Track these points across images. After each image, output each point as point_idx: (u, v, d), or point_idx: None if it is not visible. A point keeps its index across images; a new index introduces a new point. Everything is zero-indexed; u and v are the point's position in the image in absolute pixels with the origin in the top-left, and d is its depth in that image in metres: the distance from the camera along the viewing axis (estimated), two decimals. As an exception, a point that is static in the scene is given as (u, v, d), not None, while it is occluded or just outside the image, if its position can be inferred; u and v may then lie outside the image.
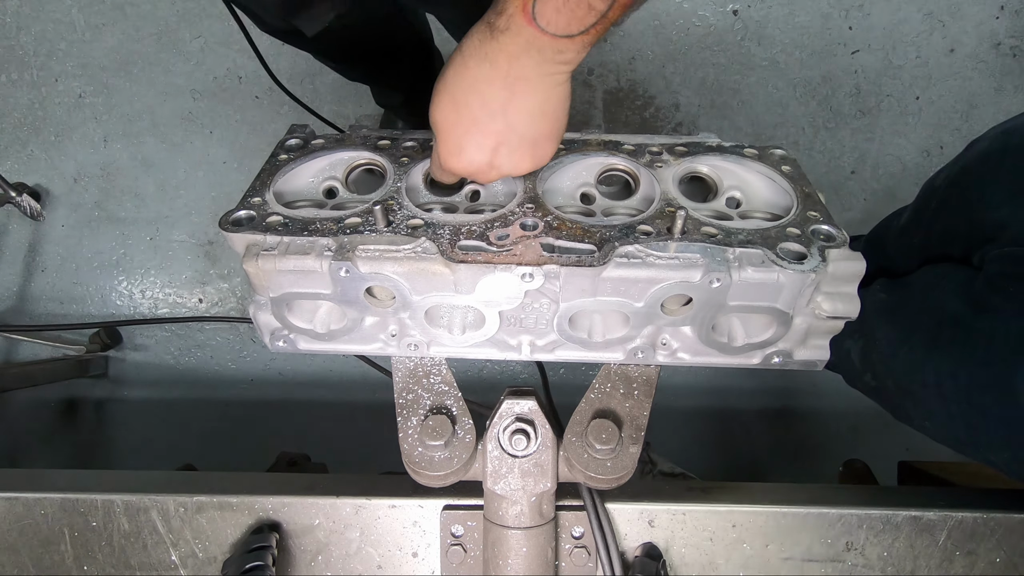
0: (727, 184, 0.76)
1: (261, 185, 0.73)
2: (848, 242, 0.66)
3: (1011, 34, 1.82)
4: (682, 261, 0.63)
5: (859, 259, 0.64)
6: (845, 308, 0.66)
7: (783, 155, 0.78)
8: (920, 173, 1.83)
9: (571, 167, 0.76)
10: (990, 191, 0.81)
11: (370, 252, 0.65)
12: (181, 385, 1.84)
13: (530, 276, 0.63)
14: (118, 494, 0.78)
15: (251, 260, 0.65)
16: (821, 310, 0.66)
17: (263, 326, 0.74)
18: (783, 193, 0.74)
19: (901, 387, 0.89)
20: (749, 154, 0.77)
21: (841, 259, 0.64)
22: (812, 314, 0.67)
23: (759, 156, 0.77)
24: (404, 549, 0.78)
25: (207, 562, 0.78)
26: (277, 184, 0.74)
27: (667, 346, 0.72)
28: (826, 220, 0.68)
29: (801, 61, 1.85)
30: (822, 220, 0.68)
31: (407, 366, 0.75)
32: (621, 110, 1.88)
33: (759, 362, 0.73)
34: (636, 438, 0.70)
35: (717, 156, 0.77)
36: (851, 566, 0.77)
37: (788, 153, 0.78)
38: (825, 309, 0.66)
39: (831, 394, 1.77)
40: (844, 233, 0.66)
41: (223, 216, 0.68)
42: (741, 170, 0.77)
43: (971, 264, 0.86)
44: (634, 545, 0.77)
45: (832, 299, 0.66)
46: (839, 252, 0.64)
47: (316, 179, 0.77)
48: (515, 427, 0.70)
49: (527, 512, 0.69)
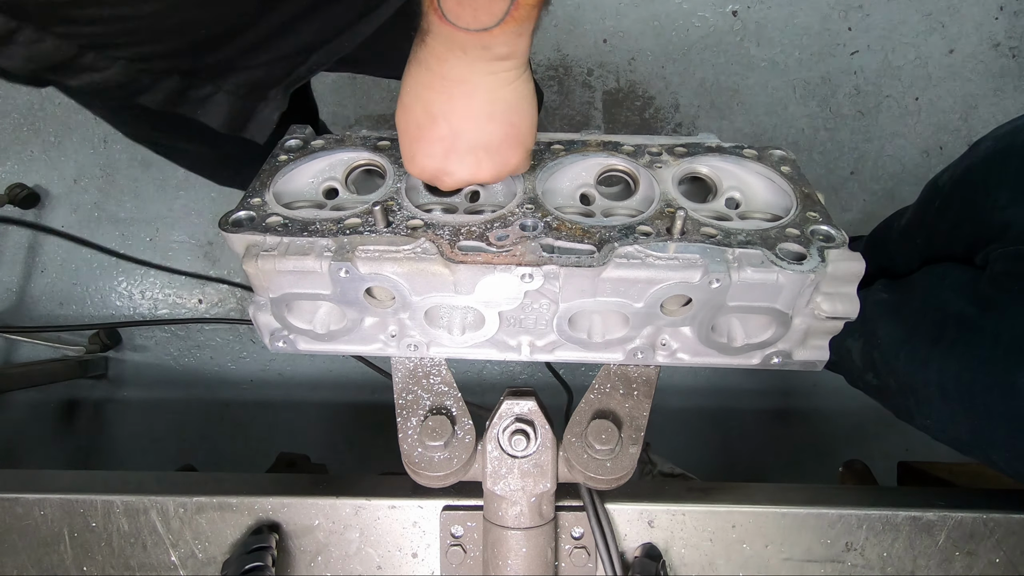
0: (726, 185, 0.76)
1: (261, 186, 0.73)
2: (847, 243, 0.65)
3: (1010, 34, 1.83)
4: (682, 262, 0.63)
5: (858, 259, 0.64)
6: (844, 308, 0.66)
7: (782, 155, 0.78)
8: (920, 173, 1.83)
9: (570, 168, 0.76)
10: (995, 191, 0.82)
11: (370, 253, 0.65)
12: (181, 385, 1.84)
13: (530, 277, 0.63)
14: (118, 495, 0.78)
15: (251, 261, 0.65)
16: (820, 310, 0.66)
17: (263, 326, 0.74)
18: (782, 194, 0.74)
19: (903, 386, 0.89)
20: (748, 155, 0.77)
21: (840, 259, 0.64)
22: (811, 315, 0.67)
23: (758, 157, 0.77)
24: (404, 550, 0.78)
25: (207, 563, 0.77)
26: (277, 185, 0.74)
27: (666, 346, 0.72)
28: (825, 221, 0.68)
29: (800, 62, 1.85)
30: (821, 221, 0.68)
31: (407, 367, 0.75)
32: (621, 110, 1.88)
33: (758, 362, 0.73)
34: (636, 438, 0.70)
35: (716, 157, 0.77)
36: (851, 566, 0.77)
37: (787, 154, 0.78)
38: (824, 309, 0.66)
39: (831, 394, 1.77)
40: (843, 234, 0.66)
41: (223, 216, 0.68)
42: (740, 171, 0.77)
43: (974, 264, 0.86)
44: (634, 545, 0.77)
45: (832, 299, 0.66)
46: (838, 252, 0.64)
47: (316, 180, 0.77)
48: (515, 427, 0.70)
49: (527, 512, 0.69)
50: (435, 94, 0.57)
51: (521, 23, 0.50)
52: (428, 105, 0.59)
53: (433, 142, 0.61)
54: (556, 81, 1.89)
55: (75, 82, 0.68)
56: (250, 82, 0.80)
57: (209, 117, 0.81)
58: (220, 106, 0.81)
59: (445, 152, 0.61)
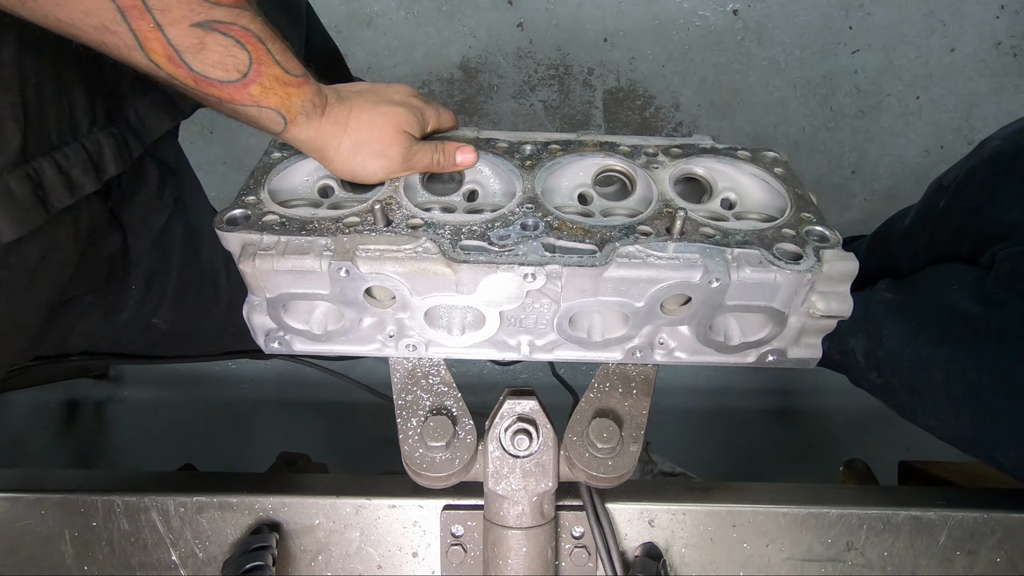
0: (721, 186, 0.77)
1: (255, 183, 0.72)
2: (841, 243, 0.67)
3: (1011, 34, 1.82)
4: (682, 261, 0.63)
5: (852, 259, 0.66)
6: (839, 307, 0.67)
7: (775, 157, 0.79)
8: (921, 172, 1.82)
9: (568, 168, 0.76)
10: (1002, 191, 0.82)
11: (370, 252, 0.64)
12: (181, 385, 1.84)
13: (532, 276, 0.63)
14: (118, 494, 0.78)
15: (248, 260, 0.64)
16: (815, 309, 0.68)
17: (257, 327, 0.73)
18: (776, 194, 0.75)
19: (907, 385, 0.89)
20: (742, 156, 0.78)
21: (835, 259, 0.65)
22: (806, 313, 0.69)
23: (752, 158, 0.78)
24: (404, 549, 0.78)
25: (207, 562, 0.77)
26: (271, 182, 0.73)
27: (664, 345, 0.73)
28: (819, 221, 0.69)
29: (801, 61, 1.84)
30: (815, 221, 0.69)
31: (405, 367, 0.75)
32: (621, 110, 1.88)
33: (754, 360, 0.74)
34: (636, 437, 0.70)
35: (711, 158, 0.78)
36: (851, 566, 0.77)
37: (780, 155, 0.79)
38: (819, 308, 0.68)
39: (831, 394, 1.76)
40: (837, 234, 0.67)
41: (218, 215, 0.67)
42: (735, 172, 0.78)
43: (979, 263, 0.86)
44: (634, 545, 0.77)
45: (826, 298, 0.67)
46: (833, 253, 0.66)
47: (311, 177, 0.76)
48: (517, 427, 0.70)
49: (528, 512, 0.69)
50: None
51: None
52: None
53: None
54: (556, 80, 1.89)
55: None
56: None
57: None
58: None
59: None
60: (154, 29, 0.51)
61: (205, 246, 0.83)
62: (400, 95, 0.75)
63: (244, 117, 0.62)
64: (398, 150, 0.71)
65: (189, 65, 0.54)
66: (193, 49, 0.54)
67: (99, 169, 0.59)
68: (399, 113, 0.71)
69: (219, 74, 0.56)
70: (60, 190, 0.55)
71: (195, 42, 0.53)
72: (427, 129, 0.77)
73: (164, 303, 0.78)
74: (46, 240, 0.55)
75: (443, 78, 1.89)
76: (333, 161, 0.69)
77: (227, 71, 0.56)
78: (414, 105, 0.75)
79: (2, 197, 0.50)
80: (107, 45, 0.52)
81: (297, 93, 0.62)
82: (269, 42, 0.58)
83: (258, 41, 0.57)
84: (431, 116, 0.77)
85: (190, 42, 0.53)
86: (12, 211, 0.50)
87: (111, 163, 0.60)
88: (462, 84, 1.89)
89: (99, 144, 0.59)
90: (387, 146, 0.70)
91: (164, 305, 0.78)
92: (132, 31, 0.51)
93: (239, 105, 0.59)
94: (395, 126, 0.71)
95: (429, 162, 0.74)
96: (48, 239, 0.56)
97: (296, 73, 0.62)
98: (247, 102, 0.59)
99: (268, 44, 0.58)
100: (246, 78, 0.57)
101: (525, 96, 1.89)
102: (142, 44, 0.52)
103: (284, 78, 0.60)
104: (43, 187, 0.53)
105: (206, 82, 0.56)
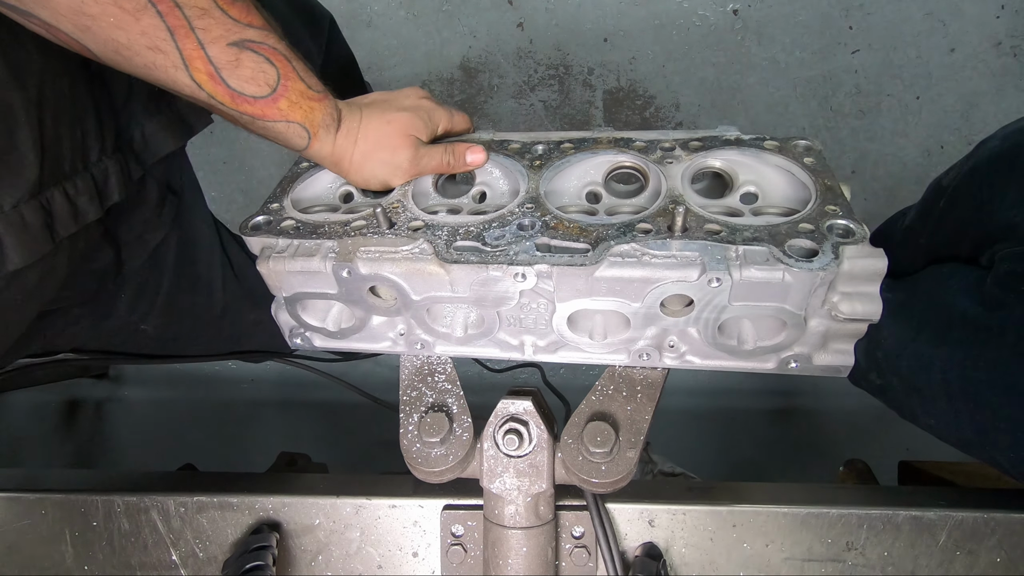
0: (743, 179, 0.72)
1: (281, 191, 0.78)
2: (868, 237, 0.60)
3: (1011, 34, 1.82)
4: (680, 260, 0.61)
5: (880, 256, 0.59)
6: (865, 309, 0.61)
7: (807, 146, 0.73)
8: (921, 173, 1.82)
9: (577, 166, 0.76)
10: (1003, 191, 0.81)
11: (370, 253, 0.66)
12: (181, 385, 1.84)
13: (522, 276, 0.63)
14: (118, 494, 0.78)
15: (264, 262, 0.70)
16: (838, 311, 0.61)
17: (283, 324, 0.79)
18: (802, 186, 0.69)
19: (907, 386, 0.89)
20: (769, 146, 0.73)
21: (858, 256, 0.59)
22: (829, 316, 0.63)
23: (780, 148, 0.72)
24: (404, 549, 0.78)
25: (207, 562, 0.77)
26: (296, 190, 0.78)
27: (675, 348, 0.69)
28: (846, 214, 0.63)
29: (801, 60, 1.84)
30: (841, 215, 0.63)
31: (414, 364, 0.77)
32: (621, 110, 1.88)
33: (774, 366, 0.69)
34: (635, 442, 0.68)
35: (734, 150, 0.73)
36: (851, 566, 0.77)
37: (813, 144, 0.72)
38: (842, 310, 0.61)
39: (831, 394, 1.76)
40: (864, 228, 0.60)
41: (243, 221, 0.73)
42: (757, 164, 0.72)
43: (979, 264, 0.86)
44: (634, 545, 0.77)
45: (850, 300, 0.61)
46: (856, 249, 0.59)
47: (333, 184, 0.80)
48: (508, 427, 0.70)
49: (523, 512, 0.69)
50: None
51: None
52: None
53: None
54: (556, 80, 1.89)
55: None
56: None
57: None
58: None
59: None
60: (197, 48, 0.55)
61: (202, 254, 0.83)
62: (410, 100, 0.77)
63: (273, 134, 0.65)
64: (406, 155, 0.73)
65: (226, 82, 0.58)
66: (230, 66, 0.58)
67: (103, 197, 0.60)
68: (405, 118, 0.73)
69: (252, 89, 0.60)
70: (67, 219, 0.56)
71: (232, 59, 0.57)
72: (437, 131, 0.78)
73: (154, 311, 0.78)
74: (46, 265, 0.56)
75: (443, 78, 1.89)
76: (348, 172, 0.73)
77: (259, 86, 0.60)
78: (423, 108, 0.76)
79: (16, 227, 0.51)
80: (155, 66, 0.55)
81: (319, 108, 0.66)
82: (294, 60, 0.63)
83: (284, 59, 0.61)
84: (441, 118, 0.79)
85: (227, 59, 0.57)
86: (24, 240, 0.52)
87: (115, 191, 0.61)
88: (462, 84, 1.90)
89: (106, 171, 0.60)
90: (394, 152, 0.72)
91: (154, 313, 0.78)
92: (179, 50, 0.54)
93: (269, 121, 0.63)
94: (401, 132, 0.73)
95: (439, 163, 0.75)
96: (48, 264, 0.56)
97: (318, 89, 0.65)
98: (276, 117, 0.63)
99: (293, 62, 0.62)
100: (275, 92, 0.61)
101: (525, 96, 1.89)
102: (187, 63, 0.55)
103: (308, 93, 0.64)
104: (52, 216, 0.54)
105: (241, 99, 0.60)
